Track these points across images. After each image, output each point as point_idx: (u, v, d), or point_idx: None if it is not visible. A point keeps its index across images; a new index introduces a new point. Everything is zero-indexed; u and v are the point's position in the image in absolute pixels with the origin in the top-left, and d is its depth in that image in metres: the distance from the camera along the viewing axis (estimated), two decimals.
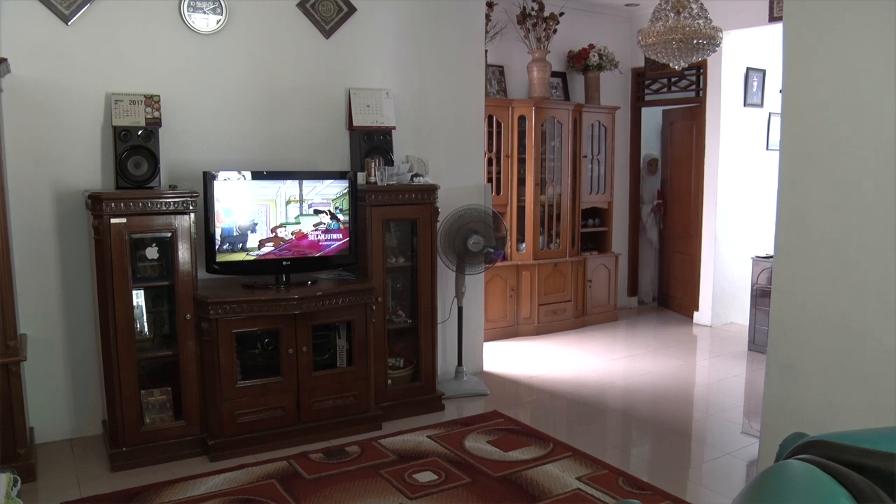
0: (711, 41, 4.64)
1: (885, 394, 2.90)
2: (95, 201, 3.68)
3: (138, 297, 3.92)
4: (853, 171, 3.00)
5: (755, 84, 7.13)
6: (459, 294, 5.07)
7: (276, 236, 4.15)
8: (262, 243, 4.12)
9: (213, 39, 4.31)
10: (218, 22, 4.29)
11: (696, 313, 7.37)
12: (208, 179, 3.97)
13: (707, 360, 6.22)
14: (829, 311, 3.12)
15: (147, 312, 4.03)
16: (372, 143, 4.72)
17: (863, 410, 2.99)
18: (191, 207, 3.86)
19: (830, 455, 1.08)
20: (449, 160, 5.20)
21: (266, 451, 3.99)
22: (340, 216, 4.32)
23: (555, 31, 6.65)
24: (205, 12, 4.25)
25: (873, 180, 2.93)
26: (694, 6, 4.61)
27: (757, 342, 6.15)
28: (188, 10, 4.20)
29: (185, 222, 3.86)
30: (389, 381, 4.58)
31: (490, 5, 6.15)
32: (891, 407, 2.86)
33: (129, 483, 3.61)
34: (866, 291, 2.98)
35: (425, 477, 3.68)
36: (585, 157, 7.06)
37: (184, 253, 3.87)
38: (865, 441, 1.09)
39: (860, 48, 2.95)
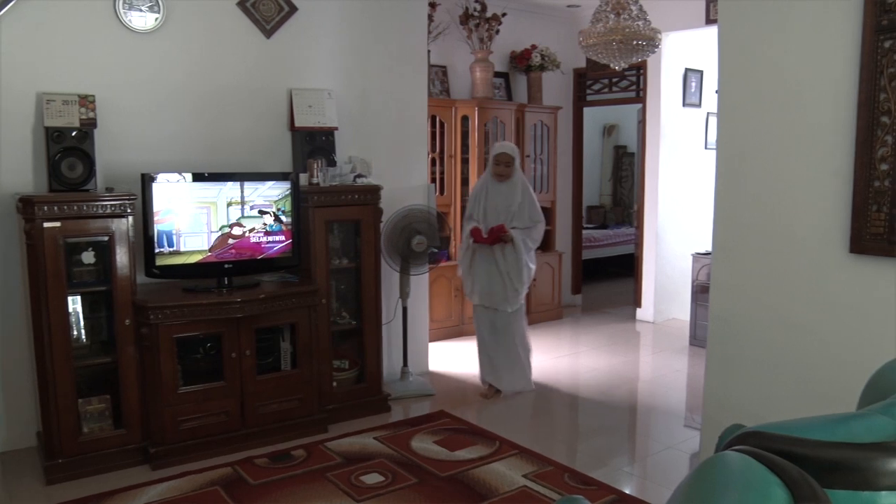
0: (651, 42, 4.73)
1: (822, 385, 3.00)
2: (27, 204, 3.56)
3: (75, 303, 3.81)
4: (786, 167, 3.09)
5: (693, 84, 7.29)
6: (404, 294, 5.06)
7: (217, 239, 4.08)
8: (203, 246, 4.05)
9: (150, 38, 4.21)
10: (156, 20, 4.19)
11: (638, 310, 7.49)
12: (147, 181, 3.88)
13: (650, 355, 6.33)
14: (766, 306, 3.21)
15: (84, 319, 3.91)
16: (314, 144, 4.68)
17: (800, 401, 3.08)
18: (129, 210, 3.77)
19: (764, 445, 1.11)
20: (392, 160, 5.18)
21: (210, 457, 3.92)
22: (283, 218, 4.26)
23: (497, 31, 6.69)
24: (141, 10, 4.15)
25: (805, 176, 3.03)
26: (633, 8, 4.69)
27: (698, 337, 6.26)
28: (124, 8, 4.09)
29: (123, 225, 3.76)
30: (334, 384, 4.54)
31: (433, 5, 6.15)
32: (826, 397, 2.95)
33: (66, 496, 3.50)
34: (802, 286, 3.07)
35: (372, 479, 3.66)
36: (528, 156, 7.11)
37: (122, 257, 3.78)
38: (797, 430, 1.12)
39: (792, 49, 3.04)
